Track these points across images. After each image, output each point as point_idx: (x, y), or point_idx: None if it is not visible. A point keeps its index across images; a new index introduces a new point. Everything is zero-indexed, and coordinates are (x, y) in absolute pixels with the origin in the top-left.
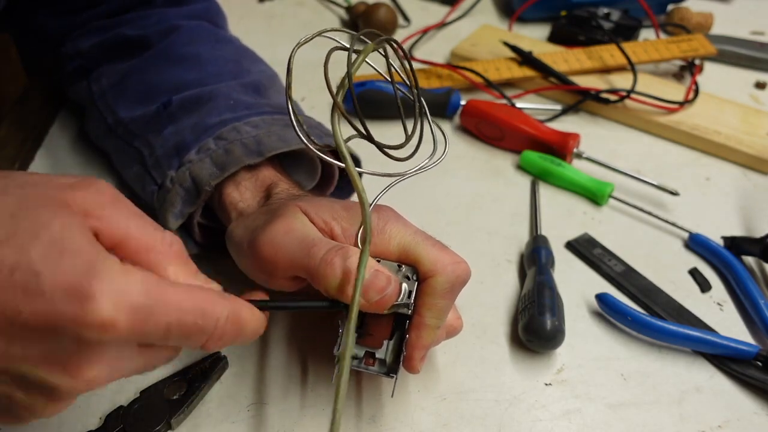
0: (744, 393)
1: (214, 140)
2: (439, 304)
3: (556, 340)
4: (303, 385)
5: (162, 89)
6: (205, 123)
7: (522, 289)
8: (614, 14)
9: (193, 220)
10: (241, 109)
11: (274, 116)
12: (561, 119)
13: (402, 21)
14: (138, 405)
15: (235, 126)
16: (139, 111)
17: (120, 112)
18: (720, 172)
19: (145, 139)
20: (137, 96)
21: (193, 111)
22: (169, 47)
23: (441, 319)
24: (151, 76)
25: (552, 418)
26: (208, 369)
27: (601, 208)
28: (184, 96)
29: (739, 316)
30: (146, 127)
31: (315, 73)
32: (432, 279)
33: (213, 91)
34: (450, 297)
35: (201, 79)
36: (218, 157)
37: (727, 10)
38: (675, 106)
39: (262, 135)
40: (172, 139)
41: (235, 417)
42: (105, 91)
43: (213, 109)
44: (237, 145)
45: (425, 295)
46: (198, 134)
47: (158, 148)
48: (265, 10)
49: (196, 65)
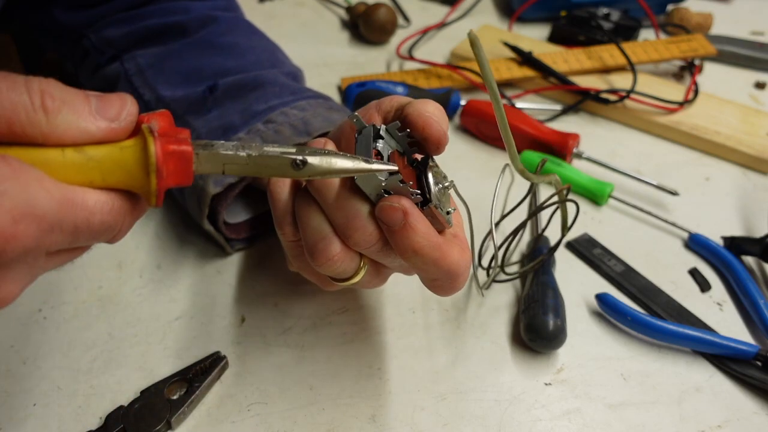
0: (744, 393)
1: (263, 124)
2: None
3: (559, 340)
4: (303, 385)
5: (205, 73)
6: (254, 109)
7: (522, 289)
8: (614, 14)
9: (229, 197)
10: (287, 95)
11: (318, 100)
12: (561, 119)
13: (402, 21)
14: (138, 405)
15: (283, 111)
16: (182, 92)
17: (161, 90)
18: (720, 172)
19: (185, 119)
20: (179, 77)
21: (239, 97)
22: (208, 36)
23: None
24: (192, 61)
25: (552, 418)
26: (208, 369)
27: (601, 208)
28: (228, 81)
29: (739, 316)
30: (189, 108)
31: (315, 73)
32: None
33: (258, 77)
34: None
35: (242, 66)
36: (268, 136)
37: (727, 10)
38: (675, 107)
39: (308, 116)
40: (217, 121)
41: (235, 417)
42: (143, 69)
43: (261, 96)
44: (286, 127)
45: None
46: (247, 119)
47: (200, 128)
48: (265, 10)
49: (236, 54)
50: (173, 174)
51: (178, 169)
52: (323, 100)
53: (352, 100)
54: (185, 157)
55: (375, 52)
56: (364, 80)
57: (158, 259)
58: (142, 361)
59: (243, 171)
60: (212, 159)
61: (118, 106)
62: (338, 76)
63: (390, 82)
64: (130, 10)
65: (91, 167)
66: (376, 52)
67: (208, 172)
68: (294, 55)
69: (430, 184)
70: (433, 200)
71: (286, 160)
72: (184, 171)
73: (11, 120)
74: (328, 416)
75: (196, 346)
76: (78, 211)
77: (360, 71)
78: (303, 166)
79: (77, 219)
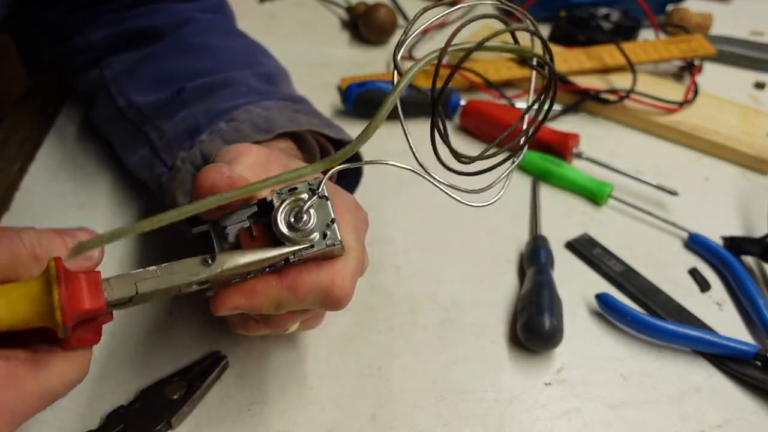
0: (743, 393)
1: (226, 123)
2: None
3: (555, 340)
4: (303, 385)
5: (175, 77)
6: (219, 108)
7: (521, 289)
8: (614, 14)
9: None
10: (254, 95)
11: (286, 102)
12: (561, 119)
13: (402, 21)
14: (138, 405)
15: (247, 108)
16: (152, 96)
17: (132, 96)
18: (719, 172)
19: (155, 124)
20: (150, 82)
21: (206, 97)
22: (183, 38)
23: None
24: (164, 64)
25: (552, 418)
26: (208, 369)
27: (600, 208)
28: (197, 83)
29: (739, 315)
30: (158, 113)
31: (315, 73)
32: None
33: (226, 78)
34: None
35: (214, 68)
36: (229, 135)
37: (727, 11)
38: (674, 107)
39: (272, 115)
40: (184, 123)
41: (235, 417)
42: (118, 76)
43: (227, 96)
44: (247, 125)
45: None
46: (211, 118)
47: (169, 132)
48: (265, 10)
49: (209, 55)
50: (81, 298)
51: (89, 291)
52: (292, 102)
53: (352, 100)
54: (92, 279)
55: (375, 52)
56: (364, 80)
57: (158, 258)
58: (142, 361)
59: (156, 284)
60: (123, 280)
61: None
62: (338, 76)
63: (390, 82)
64: (119, 12)
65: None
66: (376, 52)
67: (120, 296)
68: (294, 55)
69: (282, 230)
70: (293, 246)
71: (196, 260)
72: (93, 292)
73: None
74: (329, 416)
75: (196, 346)
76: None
77: (360, 71)
78: (212, 261)
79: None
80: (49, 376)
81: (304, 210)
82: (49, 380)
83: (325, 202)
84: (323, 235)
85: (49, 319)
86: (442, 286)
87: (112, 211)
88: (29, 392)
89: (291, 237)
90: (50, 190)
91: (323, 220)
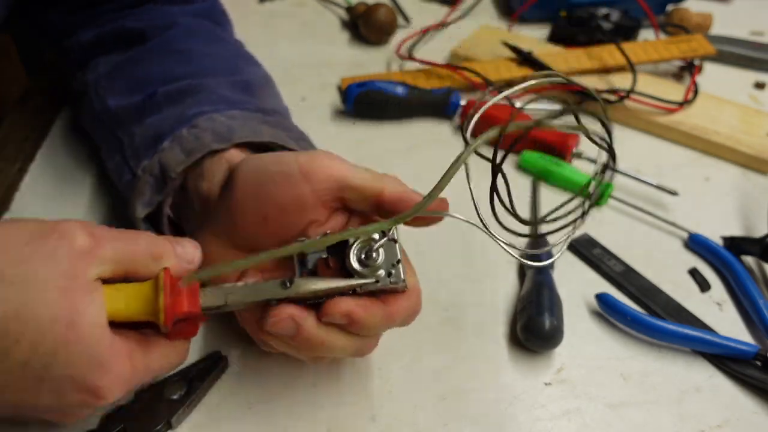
0: (743, 393)
1: (187, 129)
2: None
3: (555, 340)
4: (303, 384)
5: (151, 81)
6: (186, 114)
7: (521, 289)
8: (614, 14)
9: (162, 212)
10: (222, 103)
11: (255, 113)
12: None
13: (402, 21)
14: (138, 405)
15: (211, 116)
16: (126, 101)
17: (108, 100)
18: (719, 172)
19: (127, 128)
20: (126, 86)
21: (176, 103)
22: (165, 42)
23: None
24: (142, 68)
25: (552, 418)
26: (208, 369)
27: (601, 208)
28: (170, 88)
29: (739, 315)
30: (130, 117)
31: (315, 73)
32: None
33: (199, 84)
34: None
35: (191, 73)
36: (188, 143)
37: (727, 11)
38: (674, 107)
39: (235, 124)
40: (152, 128)
41: (235, 416)
42: (99, 78)
43: (195, 102)
44: (208, 133)
45: None
46: (175, 125)
47: (137, 138)
48: (265, 10)
49: (188, 60)
50: (181, 303)
51: (188, 298)
52: (262, 114)
53: (352, 100)
54: (192, 288)
55: (375, 52)
56: (364, 80)
57: None
58: None
59: (242, 297)
60: (217, 291)
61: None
62: (338, 76)
63: (390, 82)
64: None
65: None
66: (376, 52)
67: (213, 304)
68: (294, 55)
69: (353, 265)
70: (361, 280)
71: (277, 282)
72: (191, 299)
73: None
74: (329, 416)
75: (196, 346)
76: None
77: (360, 71)
78: (290, 285)
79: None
80: (154, 356)
81: (374, 249)
82: (155, 359)
83: (393, 244)
84: (388, 273)
85: (155, 317)
86: (442, 286)
87: (112, 211)
88: (138, 366)
89: (360, 271)
90: (50, 189)
91: (390, 260)
